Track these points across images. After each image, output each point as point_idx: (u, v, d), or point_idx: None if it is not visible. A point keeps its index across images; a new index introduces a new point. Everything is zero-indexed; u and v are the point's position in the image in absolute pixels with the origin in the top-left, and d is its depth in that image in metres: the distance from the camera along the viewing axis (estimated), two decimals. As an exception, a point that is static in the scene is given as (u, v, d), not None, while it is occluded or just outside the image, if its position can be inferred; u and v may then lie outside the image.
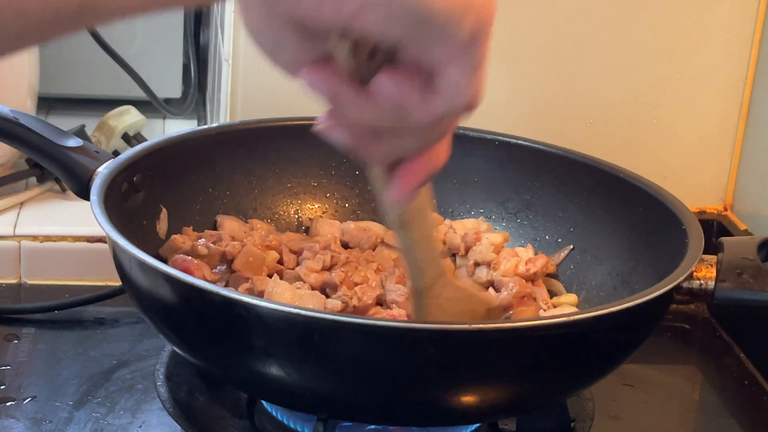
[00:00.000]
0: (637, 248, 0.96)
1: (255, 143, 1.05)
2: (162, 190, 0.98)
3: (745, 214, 1.22)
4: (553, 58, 1.18)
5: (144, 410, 0.92)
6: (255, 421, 0.89)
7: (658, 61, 1.19)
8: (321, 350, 0.75)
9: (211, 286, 0.76)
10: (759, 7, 1.19)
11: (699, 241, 0.87)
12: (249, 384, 0.85)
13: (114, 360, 1.00)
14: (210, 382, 0.92)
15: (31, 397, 0.93)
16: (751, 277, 0.86)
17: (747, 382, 1.04)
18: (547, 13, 1.17)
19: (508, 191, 1.05)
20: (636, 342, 0.85)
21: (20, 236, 1.13)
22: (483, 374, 0.78)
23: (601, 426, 0.93)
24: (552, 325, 0.79)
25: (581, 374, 0.84)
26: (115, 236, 0.81)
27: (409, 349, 0.75)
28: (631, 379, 1.01)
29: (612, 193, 1.00)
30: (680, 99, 1.21)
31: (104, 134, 1.29)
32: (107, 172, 0.91)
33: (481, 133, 1.06)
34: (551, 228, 1.03)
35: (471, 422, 0.88)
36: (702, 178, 1.24)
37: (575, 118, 1.20)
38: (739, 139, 1.23)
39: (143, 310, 0.86)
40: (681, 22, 1.18)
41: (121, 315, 1.07)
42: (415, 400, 0.79)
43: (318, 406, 0.82)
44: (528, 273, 0.96)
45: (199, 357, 0.85)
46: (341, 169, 1.07)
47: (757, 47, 1.20)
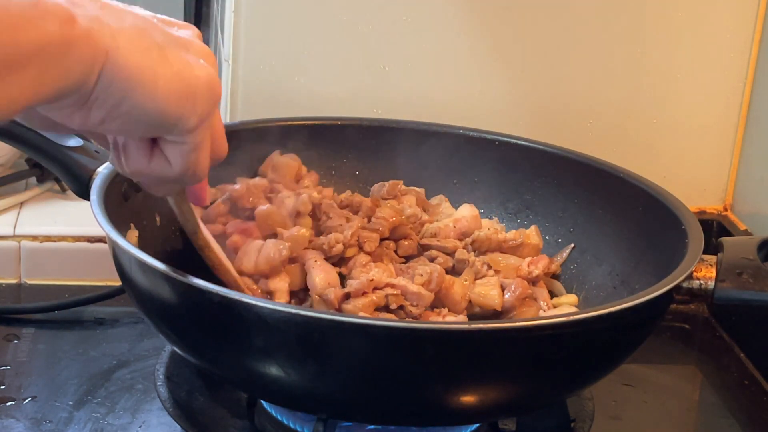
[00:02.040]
0: (637, 248, 0.96)
1: (255, 143, 1.05)
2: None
3: (745, 214, 1.22)
4: (553, 58, 1.18)
5: (144, 410, 0.92)
6: (255, 421, 0.89)
7: (658, 61, 1.19)
8: (321, 350, 0.75)
9: (211, 286, 0.76)
10: (759, 7, 1.19)
11: (699, 241, 0.87)
12: (249, 384, 0.85)
13: (114, 360, 1.00)
14: (210, 382, 0.92)
15: (31, 397, 0.93)
16: (751, 277, 0.86)
17: (747, 382, 1.04)
18: (547, 13, 1.17)
19: (508, 191, 1.05)
20: (636, 342, 0.85)
21: (20, 236, 1.13)
22: (483, 374, 0.78)
23: (601, 426, 0.93)
24: (552, 325, 0.79)
25: (581, 374, 0.84)
26: (115, 236, 0.81)
27: (409, 349, 0.75)
28: (631, 379, 1.01)
29: (612, 193, 1.00)
30: (680, 99, 1.21)
31: (104, 134, 1.29)
32: (107, 172, 0.91)
33: (481, 133, 1.06)
34: (551, 228, 1.03)
35: (471, 422, 0.88)
36: (702, 178, 1.24)
37: (575, 118, 1.20)
38: (739, 140, 1.23)
39: (143, 310, 0.86)
40: (681, 22, 1.18)
41: (121, 315, 1.07)
42: (415, 400, 0.79)
43: (318, 406, 0.82)
44: (530, 276, 0.96)
45: (199, 357, 0.85)
46: (341, 169, 1.07)
47: (757, 47, 1.20)
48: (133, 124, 0.66)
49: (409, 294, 0.88)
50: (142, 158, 0.71)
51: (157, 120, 0.66)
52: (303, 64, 1.14)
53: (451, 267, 0.97)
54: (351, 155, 1.07)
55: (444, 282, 0.91)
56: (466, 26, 1.16)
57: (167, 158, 0.71)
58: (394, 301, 0.88)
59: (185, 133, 0.69)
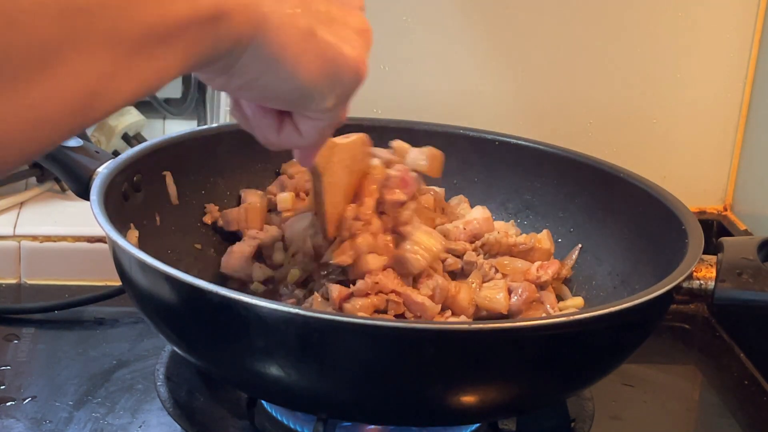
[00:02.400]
0: (637, 248, 0.96)
1: (255, 143, 1.04)
2: (162, 190, 0.98)
3: (745, 214, 1.22)
4: (554, 58, 1.18)
5: (144, 410, 0.92)
6: (255, 421, 0.89)
7: (657, 61, 1.19)
8: (321, 350, 0.75)
9: (211, 286, 0.76)
10: (759, 7, 1.19)
11: (699, 241, 0.87)
12: (249, 384, 0.85)
13: (114, 360, 1.00)
14: (210, 382, 0.92)
15: (31, 397, 0.93)
16: (751, 277, 0.86)
17: (747, 382, 1.05)
18: (547, 13, 1.17)
19: (508, 191, 1.05)
20: (636, 342, 0.85)
21: (20, 236, 1.13)
22: (483, 374, 0.78)
23: (601, 426, 0.93)
24: (552, 325, 0.79)
25: (581, 374, 0.84)
26: (115, 236, 0.81)
27: (409, 349, 0.75)
28: (631, 379, 1.01)
29: (612, 193, 1.00)
30: (680, 99, 1.21)
31: (104, 134, 1.29)
32: (107, 172, 0.91)
33: (481, 133, 1.06)
34: (551, 228, 1.03)
35: (471, 422, 0.88)
36: (702, 178, 1.24)
37: (575, 118, 1.20)
38: (739, 139, 1.23)
39: (143, 310, 0.86)
40: (681, 22, 1.18)
41: (121, 315, 1.07)
42: (415, 400, 0.79)
43: (318, 406, 0.82)
44: (539, 280, 0.96)
45: (199, 357, 0.85)
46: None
47: (757, 47, 1.20)
48: (269, 97, 0.65)
49: (413, 304, 0.88)
50: (271, 131, 0.71)
51: (293, 97, 0.65)
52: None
53: (460, 269, 0.96)
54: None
55: (450, 291, 0.91)
56: (466, 26, 1.16)
57: (299, 130, 0.70)
58: (393, 309, 0.88)
59: (321, 111, 0.68)
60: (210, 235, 1.01)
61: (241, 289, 0.90)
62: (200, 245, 1.00)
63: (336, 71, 0.65)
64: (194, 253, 0.99)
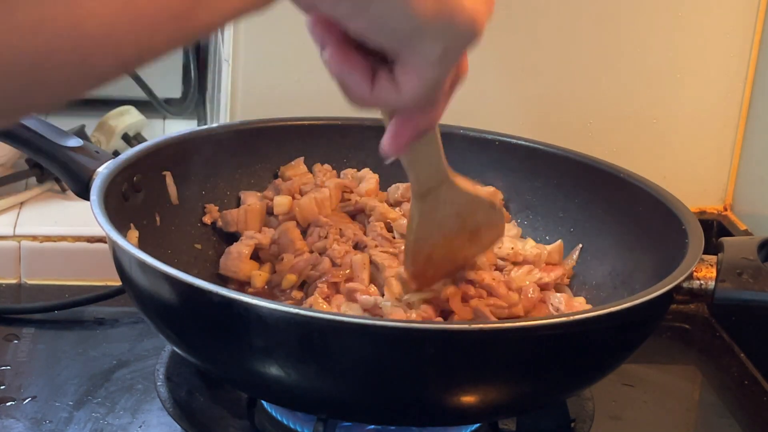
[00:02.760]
0: (637, 248, 0.96)
1: (255, 143, 1.05)
2: (162, 191, 0.98)
3: (745, 214, 1.22)
4: (553, 58, 1.18)
5: (144, 410, 0.92)
6: (255, 421, 0.89)
7: (657, 61, 1.19)
8: (321, 350, 0.75)
9: (210, 286, 0.76)
10: (759, 7, 1.19)
11: (699, 241, 0.87)
12: (249, 384, 0.85)
13: (114, 360, 1.00)
14: (210, 382, 0.92)
15: (31, 397, 0.93)
16: (751, 277, 0.86)
17: (747, 382, 1.04)
18: (547, 13, 1.17)
19: (508, 191, 1.05)
20: (636, 342, 0.85)
21: (20, 236, 1.13)
22: (483, 374, 0.78)
23: (601, 426, 0.93)
24: (552, 325, 0.79)
25: (581, 374, 0.84)
26: (115, 236, 0.81)
27: (409, 349, 0.75)
28: (631, 379, 1.01)
29: (612, 193, 1.00)
30: (680, 99, 1.21)
31: (104, 134, 1.29)
32: (107, 172, 0.91)
33: (481, 133, 1.06)
34: (551, 228, 1.03)
35: (471, 422, 0.88)
36: (702, 178, 1.24)
37: (575, 118, 1.20)
38: (739, 140, 1.23)
39: (143, 310, 0.86)
40: (681, 22, 1.18)
41: (121, 315, 1.07)
42: (415, 400, 0.79)
43: (318, 406, 0.82)
44: (540, 281, 0.95)
45: (199, 357, 0.85)
46: (341, 170, 1.07)
47: (757, 47, 1.20)
48: (376, 28, 0.61)
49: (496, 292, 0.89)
50: (364, 81, 0.66)
51: (401, 34, 0.61)
52: (303, 64, 1.14)
53: None
54: (351, 156, 1.07)
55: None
56: (466, 26, 1.16)
57: (397, 83, 0.65)
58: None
59: (427, 61, 0.63)
60: (210, 236, 1.01)
61: (240, 290, 0.90)
62: (200, 245, 1.00)
63: (451, 16, 0.62)
64: (194, 253, 0.99)
